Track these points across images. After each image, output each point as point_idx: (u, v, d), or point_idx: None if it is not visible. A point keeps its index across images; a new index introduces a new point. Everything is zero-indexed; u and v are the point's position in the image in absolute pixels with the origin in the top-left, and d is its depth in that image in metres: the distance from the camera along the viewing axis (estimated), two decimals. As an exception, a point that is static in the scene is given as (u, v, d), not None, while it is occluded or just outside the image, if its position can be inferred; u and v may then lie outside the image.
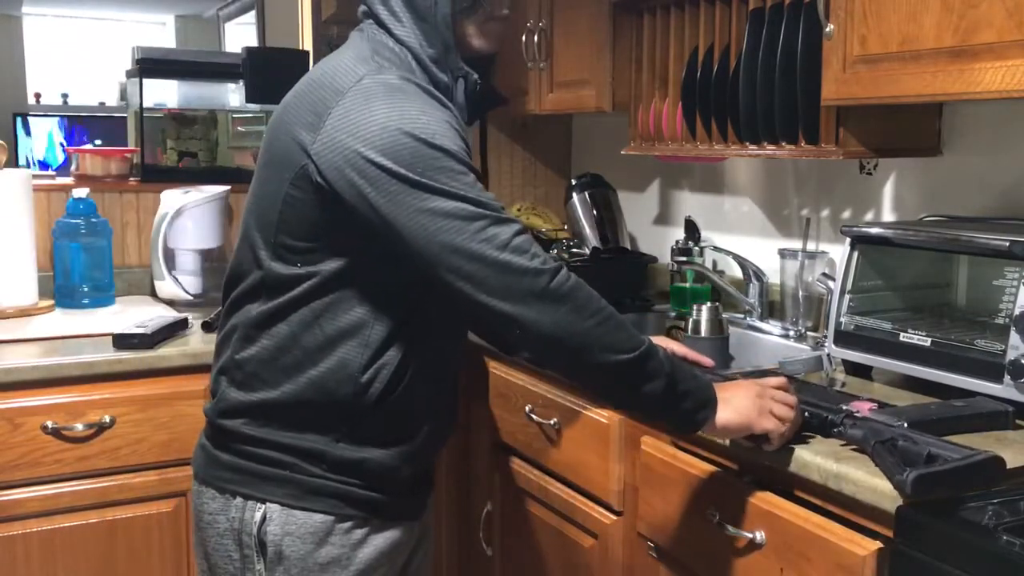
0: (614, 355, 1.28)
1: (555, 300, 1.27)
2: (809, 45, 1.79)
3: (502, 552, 2.23)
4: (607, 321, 1.29)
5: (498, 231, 1.28)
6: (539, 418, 2.00)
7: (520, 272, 1.27)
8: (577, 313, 1.27)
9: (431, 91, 1.39)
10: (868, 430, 1.34)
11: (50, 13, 6.88)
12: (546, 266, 1.28)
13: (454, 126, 1.35)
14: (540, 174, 3.14)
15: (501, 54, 2.96)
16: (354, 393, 1.40)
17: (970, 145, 1.90)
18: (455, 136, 1.34)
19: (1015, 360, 1.46)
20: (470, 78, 1.47)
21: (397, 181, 1.29)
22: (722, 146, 2.09)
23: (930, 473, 1.21)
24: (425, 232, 1.28)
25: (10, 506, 1.94)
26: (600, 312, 1.29)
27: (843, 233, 1.82)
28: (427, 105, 1.35)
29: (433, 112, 1.34)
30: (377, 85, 1.34)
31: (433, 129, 1.31)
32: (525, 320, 1.27)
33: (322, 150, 1.33)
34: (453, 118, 1.38)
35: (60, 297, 2.48)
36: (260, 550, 1.42)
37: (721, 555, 1.50)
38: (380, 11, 1.46)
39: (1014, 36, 1.38)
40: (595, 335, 1.28)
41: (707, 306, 1.89)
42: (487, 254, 1.27)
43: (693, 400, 1.33)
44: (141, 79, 2.77)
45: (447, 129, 1.33)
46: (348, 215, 1.33)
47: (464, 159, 1.33)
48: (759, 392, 1.37)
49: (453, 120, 1.37)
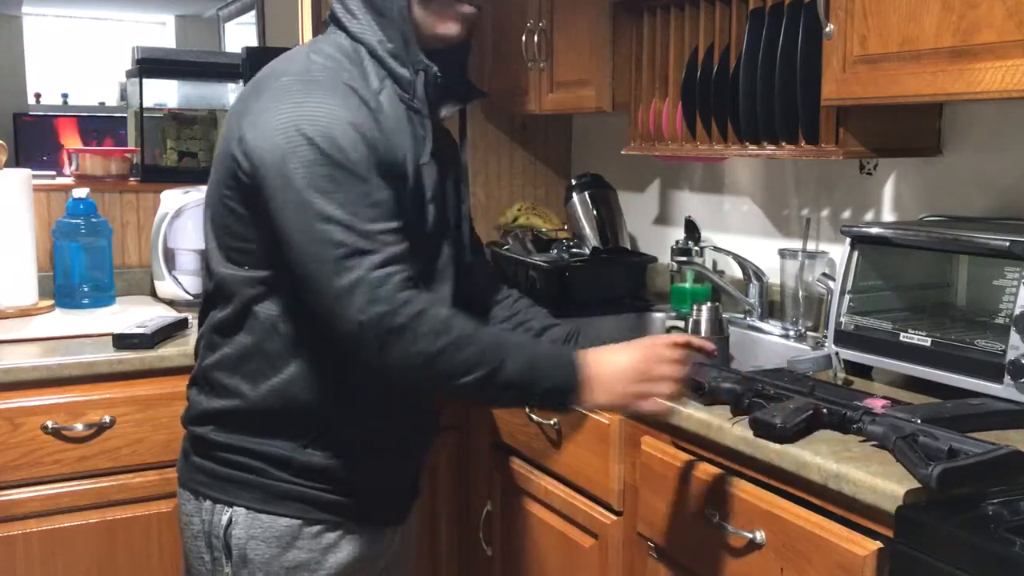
0: (458, 379, 1.29)
1: (388, 337, 1.27)
2: (809, 45, 1.79)
3: (502, 552, 2.23)
4: (444, 351, 1.28)
5: (354, 263, 1.26)
6: (539, 418, 2.00)
7: (357, 310, 1.26)
8: (415, 346, 1.27)
9: (354, 88, 1.35)
10: (888, 426, 1.35)
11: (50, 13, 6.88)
12: (386, 306, 1.26)
13: (363, 129, 1.31)
14: (540, 174, 3.14)
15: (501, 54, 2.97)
16: (320, 399, 1.40)
17: (970, 145, 1.90)
18: (357, 140, 1.30)
19: (1015, 360, 1.46)
20: (430, 71, 1.42)
21: (284, 188, 1.28)
22: (722, 146, 2.09)
23: (955, 467, 1.22)
24: (297, 246, 1.29)
25: (10, 506, 1.94)
26: (439, 340, 1.27)
27: (843, 233, 1.82)
28: (338, 105, 1.31)
29: (340, 112, 1.31)
30: (293, 83, 1.34)
31: (333, 132, 1.29)
32: (365, 352, 1.29)
33: (238, 148, 1.34)
34: (371, 119, 1.34)
35: (60, 297, 2.48)
36: (227, 553, 1.44)
37: (721, 555, 1.50)
38: (337, 9, 1.45)
39: (1014, 36, 1.38)
40: (436, 365, 1.28)
41: (707, 306, 1.89)
42: (333, 287, 1.27)
43: (555, 396, 1.33)
44: (141, 79, 2.78)
45: (350, 131, 1.30)
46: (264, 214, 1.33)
47: (357, 166, 1.29)
48: (641, 365, 1.34)
49: (367, 121, 1.33)
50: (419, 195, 1.43)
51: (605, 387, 1.33)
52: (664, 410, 1.40)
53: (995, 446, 1.26)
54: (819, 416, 1.46)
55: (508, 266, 2.65)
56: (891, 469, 1.29)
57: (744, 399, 1.55)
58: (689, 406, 1.61)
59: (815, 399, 1.49)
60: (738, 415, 1.54)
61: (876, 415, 1.40)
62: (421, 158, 1.42)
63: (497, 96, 2.88)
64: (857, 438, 1.42)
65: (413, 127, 1.42)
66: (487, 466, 2.28)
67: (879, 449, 1.37)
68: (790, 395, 1.51)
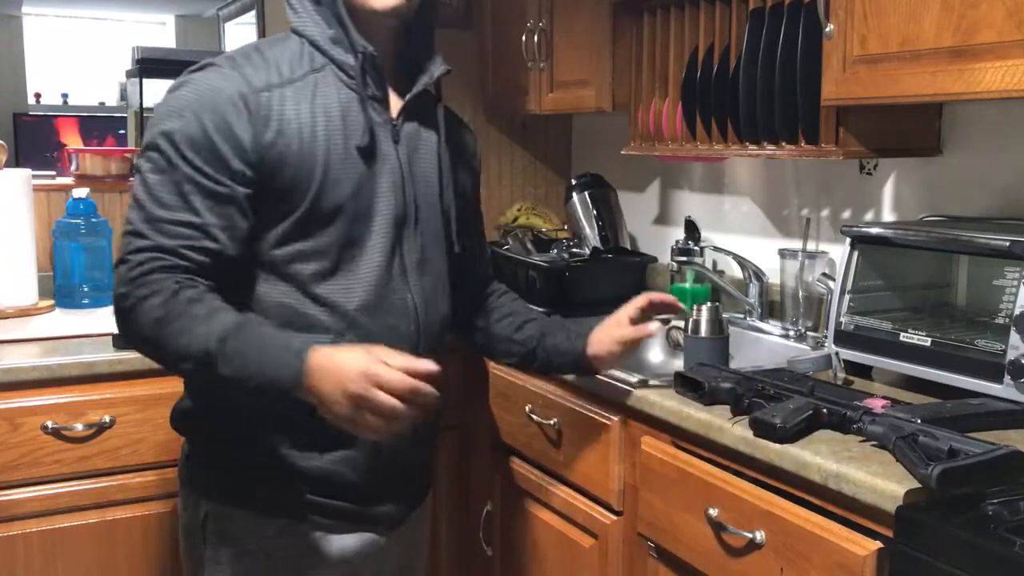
0: (178, 365, 1.31)
1: (123, 317, 1.32)
2: (809, 45, 1.79)
3: (502, 552, 2.23)
4: (161, 337, 1.29)
5: (126, 243, 1.34)
6: (539, 418, 2.00)
7: (115, 286, 1.33)
8: (140, 329, 1.30)
9: (239, 79, 1.38)
10: (888, 426, 1.35)
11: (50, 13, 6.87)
12: (120, 287, 1.31)
13: (203, 119, 1.34)
14: (540, 174, 3.14)
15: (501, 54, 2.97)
16: (290, 401, 1.37)
17: (970, 145, 1.90)
18: (195, 124, 1.34)
19: (1015, 360, 1.46)
20: (367, 52, 1.42)
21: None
22: (722, 146, 2.09)
23: (955, 467, 1.22)
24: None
25: (10, 506, 1.94)
26: (158, 326, 1.28)
27: (843, 233, 1.82)
28: (196, 99, 1.36)
29: (190, 98, 1.36)
30: (186, 74, 1.41)
31: (170, 114, 1.35)
32: (119, 328, 1.35)
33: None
34: (241, 113, 1.35)
35: (60, 297, 2.48)
36: (205, 545, 1.48)
37: (721, 555, 1.50)
38: (285, 6, 1.48)
39: (1014, 36, 1.38)
40: (157, 350, 1.31)
41: (707, 306, 1.89)
42: (115, 262, 1.35)
43: (273, 391, 1.27)
44: (141, 79, 2.77)
45: (194, 125, 1.34)
46: None
47: (186, 158, 1.33)
48: (352, 397, 1.24)
49: (231, 115, 1.35)
50: (351, 177, 1.42)
51: (330, 380, 1.25)
52: (383, 436, 1.28)
53: (995, 446, 1.26)
54: (819, 416, 1.46)
55: (508, 266, 2.65)
56: (891, 469, 1.29)
57: (744, 399, 1.55)
58: (689, 406, 1.62)
59: (815, 399, 1.49)
60: (738, 415, 1.54)
61: (876, 415, 1.40)
62: (356, 140, 1.42)
63: (497, 96, 2.88)
64: (857, 438, 1.42)
65: (366, 114, 1.43)
66: (487, 466, 2.28)
67: (879, 449, 1.37)
68: (790, 395, 1.51)
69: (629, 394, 1.75)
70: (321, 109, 1.41)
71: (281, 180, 1.38)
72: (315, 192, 1.39)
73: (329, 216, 1.40)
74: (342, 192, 1.41)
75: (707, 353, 1.85)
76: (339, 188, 1.40)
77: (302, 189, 1.39)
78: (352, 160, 1.42)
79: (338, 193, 1.40)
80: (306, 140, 1.39)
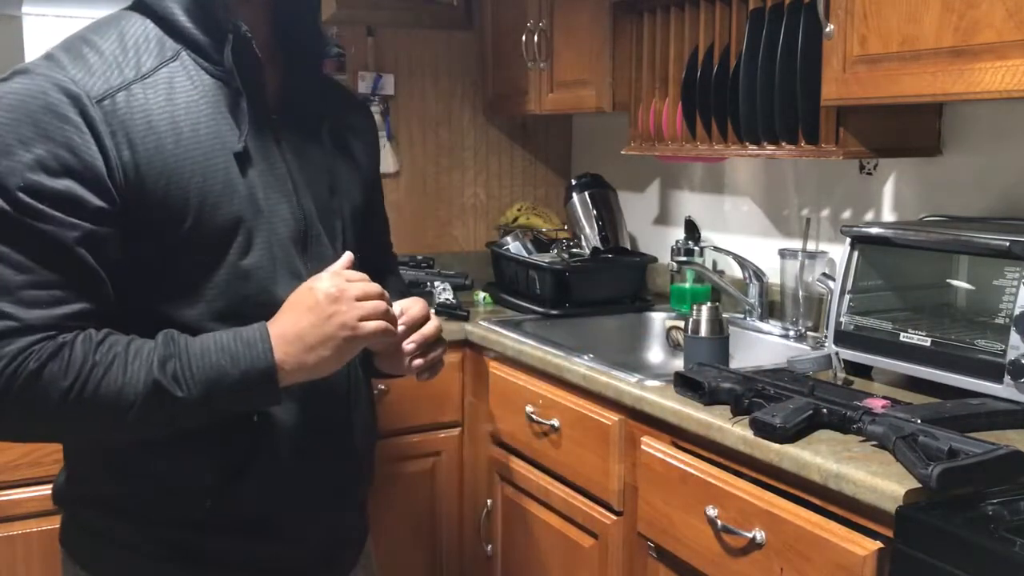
0: (119, 418, 1.05)
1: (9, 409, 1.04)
2: (809, 45, 1.79)
3: (502, 552, 2.23)
4: (80, 402, 1.04)
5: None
6: (539, 418, 2.00)
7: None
8: (38, 410, 1.04)
9: (53, 83, 1.06)
10: (888, 426, 1.35)
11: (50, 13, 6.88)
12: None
13: (35, 150, 1.03)
14: (540, 174, 3.14)
15: (501, 54, 2.96)
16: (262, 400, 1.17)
17: (970, 145, 1.90)
18: (26, 160, 1.03)
19: (1015, 360, 1.46)
20: (239, 31, 1.14)
21: None
22: (722, 146, 2.09)
23: (955, 467, 1.22)
24: None
25: (10, 506, 1.94)
26: (74, 386, 1.03)
27: (843, 233, 1.82)
28: (8, 115, 1.04)
29: (6, 123, 1.04)
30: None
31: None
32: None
33: None
34: (59, 124, 1.05)
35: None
36: None
37: (721, 555, 1.50)
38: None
39: (1014, 36, 1.38)
40: (75, 418, 1.06)
41: (707, 306, 1.89)
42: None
43: (246, 396, 1.09)
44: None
45: (13, 151, 1.03)
46: None
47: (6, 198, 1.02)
48: (326, 313, 1.09)
49: (46, 132, 1.04)
50: (234, 193, 1.14)
51: (305, 357, 1.09)
52: (382, 329, 1.13)
53: (995, 446, 1.26)
54: (819, 416, 1.46)
55: (508, 266, 2.65)
56: (891, 469, 1.29)
57: (744, 399, 1.55)
58: (689, 406, 1.62)
59: (815, 399, 1.49)
60: (738, 415, 1.54)
61: (876, 415, 1.40)
62: (232, 146, 1.14)
63: (497, 96, 2.88)
64: (857, 438, 1.42)
65: (240, 110, 1.16)
66: (487, 466, 2.28)
67: (879, 449, 1.37)
68: (790, 395, 1.51)
69: (629, 394, 1.75)
70: (183, 111, 1.11)
71: (147, 210, 1.09)
72: (192, 221, 1.11)
73: (215, 246, 1.13)
74: (225, 214, 1.12)
75: (707, 353, 1.85)
76: (220, 210, 1.12)
77: (176, 219, 1.10)
78: (233, 173, 1.13)
79: (221, 216, 1.12)
80: (169, 155, 1.09)
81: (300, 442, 1.21)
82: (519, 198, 3.09)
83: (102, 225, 1.06)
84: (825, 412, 1.46)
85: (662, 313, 2.49)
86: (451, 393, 2.37)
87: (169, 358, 1.06)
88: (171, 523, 1.18)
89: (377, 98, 2.84)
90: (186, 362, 1.06)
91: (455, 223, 3.03)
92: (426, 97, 2.94)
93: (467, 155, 3.02)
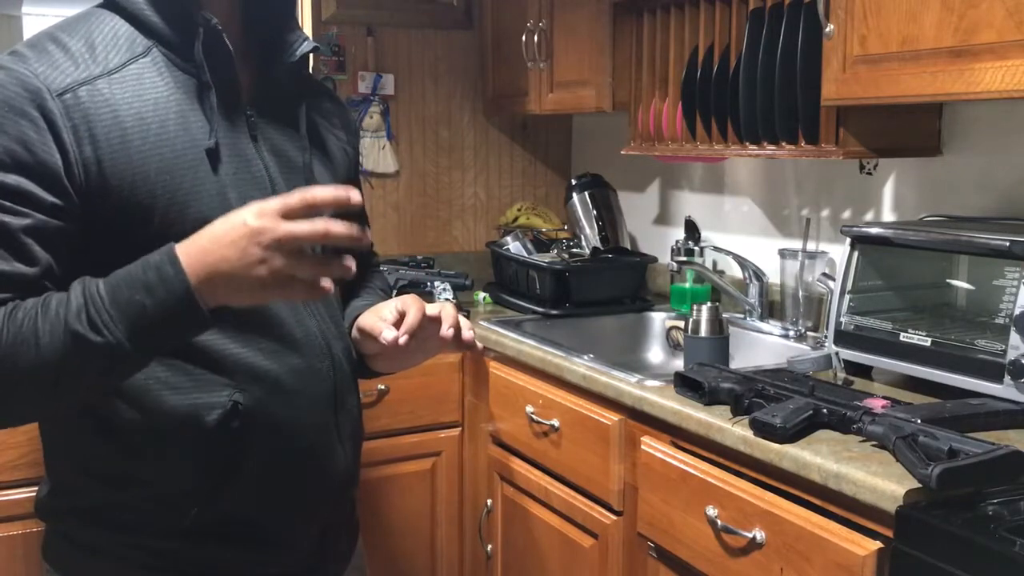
0: (37, 375, 1.00)
1: None
2: (809, 45, 1.79)
3: (502, 552, 2.23)
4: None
5: None
6: (539, 418, 2.00)
7: None
8: None
9: (12, 76, 1.05)
10: (888, 426, 1.35)
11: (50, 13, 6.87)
12: None
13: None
14: (540, 174, 3.14)
15: (501, 54, 2.97)
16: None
17: (970, 145, 1.90)
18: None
19: (1015, 360, 1.46)
20: (209, 24, 1.11)
21: None
22: (722, 146, 2.09)
23: (955, 467, 1.22)
24: None
25: (10, 506, 1.94)
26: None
27: (843, 233, 1.82)
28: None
29: None
30: None
31: None
32: None
33: None
34: (15, 119, 1.03)
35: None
36: None
37: (721, 555, 1.50)
38: None
39: (1014, 36, 1.38)
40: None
41: (707, 306, 1.89)
42: None
43: (174, 325, 1.00)
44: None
45: None
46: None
47: None
48: (259, 240, 0.97)
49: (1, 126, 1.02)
50: (205, 194, 1.11)
51: (221, 248, 0.97)
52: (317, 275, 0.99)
53: (995, 446, 1.26)
54: (819, 416, 1.46)
55: (508, 266, 2.65)
56: (891, 469, 1.29)
57: (744, 399, 1.55)
58: (689, 406, 1.62)
59: (815, 399, 1.49)
60: (738, 415, 1.54)
61: (876, 415, 1.40)
62: (204, 143, 1.11)
63: (497, 96, 2.88)
64: (857, 438, 1.42)
65: (211, 107, 1.12)
66: (487, 466, 2.28)
67: (879, 449, 1.37)
68: (790, 395, 1.51)
69: (629, 394, 1.75)
70: (151, 107, 1.08)
71: (109, 210, 1.06)
72: (160, 220, 1.07)
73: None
74: (194, 213, 1.08)
75: (707, 353, 1.85)
76: (189, 209, 1.09)
77: (143, 217, 1.07)
78: (203, 171, 1.10)
79: (190, 215, 1.08)
80: (135, 151, 1.06)
81: (287, 444, 1.18)
82: (519, 198, 3.10)
83: (56, 219, 1.03)
84: (825, 412, 1.46)
85: (662, 313, 2.49)
86: (451, 393, 2.37)
87: (83, 306, 0.99)
88: (157, 533, 1.16)
89: (377, 98, 2.84)
90: (100, 305, 0.98)
91: (455, 223, 3.03)
92: (426, 97, 2.94)
93: (467, 155, 3.02)
